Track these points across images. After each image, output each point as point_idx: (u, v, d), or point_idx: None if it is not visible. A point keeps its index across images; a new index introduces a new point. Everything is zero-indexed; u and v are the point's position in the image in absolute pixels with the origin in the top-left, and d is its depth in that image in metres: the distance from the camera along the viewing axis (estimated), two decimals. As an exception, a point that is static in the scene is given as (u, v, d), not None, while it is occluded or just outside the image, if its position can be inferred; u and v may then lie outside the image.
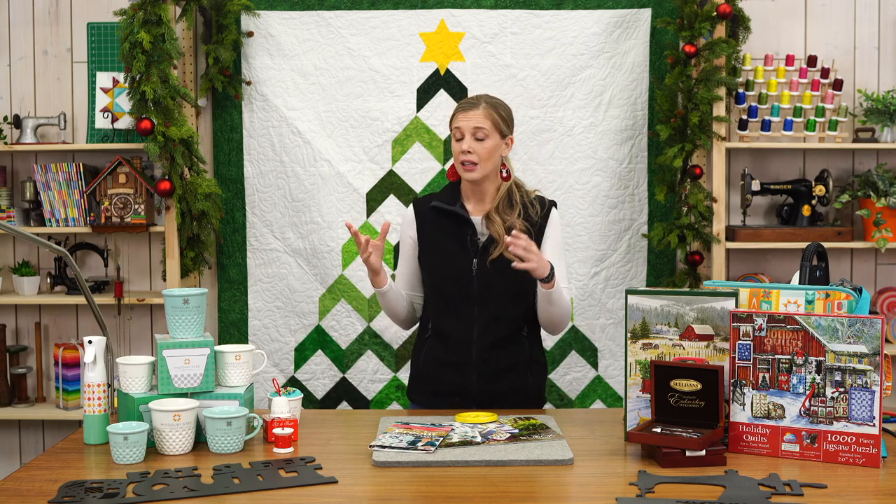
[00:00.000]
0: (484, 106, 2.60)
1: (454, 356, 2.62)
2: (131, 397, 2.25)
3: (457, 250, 2.61)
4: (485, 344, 2.60)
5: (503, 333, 2.62)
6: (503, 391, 2.61)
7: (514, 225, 2.59)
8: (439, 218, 2.66)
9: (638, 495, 1.86)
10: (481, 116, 2.58)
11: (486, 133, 2.58)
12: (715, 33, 3.62)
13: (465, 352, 2.61)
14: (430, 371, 2.68)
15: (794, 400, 2.10)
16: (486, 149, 2.58)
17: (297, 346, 3.87)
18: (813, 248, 2.31)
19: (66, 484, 1.95)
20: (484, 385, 2.61)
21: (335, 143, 3.82)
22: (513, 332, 2.63)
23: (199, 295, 2.33)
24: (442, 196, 2.70)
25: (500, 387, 2.61)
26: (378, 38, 3.81)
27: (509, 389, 2.62)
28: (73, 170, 3.80)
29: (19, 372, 3.88)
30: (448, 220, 2.64)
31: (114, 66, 3.84)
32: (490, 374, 2.61)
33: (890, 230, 3.73)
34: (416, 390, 2.74)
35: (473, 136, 2.57)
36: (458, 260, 2.61)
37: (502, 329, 2.61)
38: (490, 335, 2.61)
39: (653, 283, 3.86)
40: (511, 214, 2.61)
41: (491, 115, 2.59)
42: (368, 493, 1.93)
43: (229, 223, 3.88)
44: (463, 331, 2.61)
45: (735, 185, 3.95)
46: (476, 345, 2.61)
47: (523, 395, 2.65)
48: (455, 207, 2.64)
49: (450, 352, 2.63)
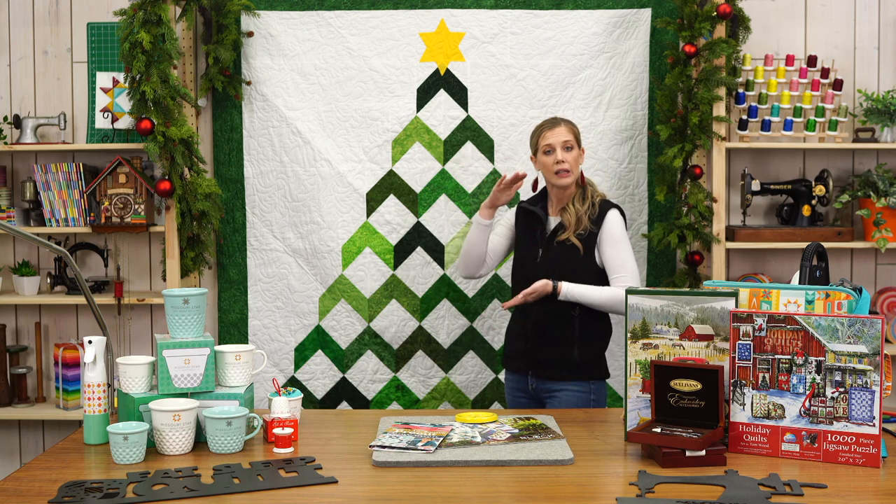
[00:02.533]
0: (564, 123, 3.16)
1: (517, 326, 3.20)
2: (131, 397, 2.25)
3: (528, 241, 3.18)
4: (536, 318, 3.09)
5: (555, 311, 3.06)
6: (546, 359, 3.08)
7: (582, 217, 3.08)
8: (525, 216, 3.24)
9: (638, 495, 1.86)
10: (566, 132, 3.13)
11: (572, 144, 3.12)
12: (715, 33, 3.62)
13: (525, 321, 3.14)
14: (509, 338, 3.28)
15: (794, 400, 2.10)
16: (574, 157, 3.12)
17: (297, 346, 3.88)
18: (813, 248, 2.31)
19: (66, 484, 1.95)
20: (533, 352, 3.10)
21: (335, 143, 3.82)
22: (563, 310, 3.05)
23: (199, 295, 2.33)
24: (531, 200, 3.28)
25: (544, 355, 3.09)
26: (378, 38, 3.81)
27: (551, 358, 3.08)
28: (73, 170, 3.80)
29: (19, 372, 3.88)
30: (529, 218, 3.21)
31: (114, 66, 3.84)
32: (536, 344, 3.09)
33: (890, 230, 3.73)
34: (504, 354, 3.33)
35: (563, 147, 3.09)
36: (529, 249, 3.16)
37: (559, 306, 3.05)
38: (541, 311, 3.07)
39: (653, 283, 3.86)
40: (583, 207, 3.10)
41: (573, 130, 3.16)
42: (368, 493, 1.93)
43: (229, 223, 3.88)
44: (527, 306, 3.09)
45: (735, 185, 3.95)
46: (532, 316, 3.10)
47: (566, 366, 3.07)
48: (536, 208, 3.19)
49: (515, 322, 3.23)
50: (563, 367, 3.08)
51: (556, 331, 3.09)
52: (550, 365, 3.09)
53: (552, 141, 3.11)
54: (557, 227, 3.12)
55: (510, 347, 3.25)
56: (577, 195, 3.14)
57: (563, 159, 3.09)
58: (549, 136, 3.12)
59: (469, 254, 3.32)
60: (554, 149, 3.10)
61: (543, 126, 3.17)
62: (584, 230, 3.07)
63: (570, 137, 3.12)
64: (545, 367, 3.10)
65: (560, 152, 3.09)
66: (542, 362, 3.10)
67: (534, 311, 3.09)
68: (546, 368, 3.09)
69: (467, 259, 3.33)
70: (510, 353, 3.25)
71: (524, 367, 3.14)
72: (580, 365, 3.09)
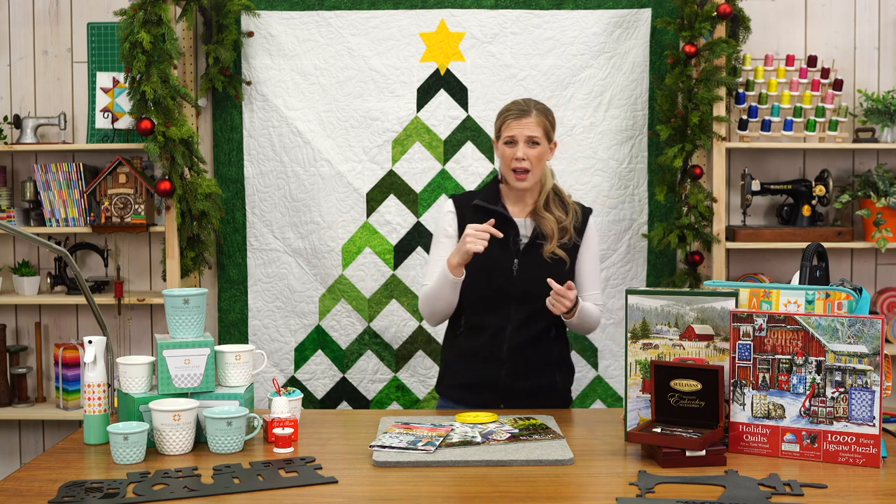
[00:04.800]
0: (536, 113, 2.66)
1: (486, 351, 2.68)
2: (131, 397, 2.25)
3: (499, 250, 2.63)
4: (517, 341, 2.66)
5: (535, 332, 2.68)
6: (530, 388, 2.67)
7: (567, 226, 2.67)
8: (481, 217, 2.66)
9: (638, 495, 1.86)
10: (535, 125, 2.64)
11: (538, 139, 2.64)
12: (715, 33, 3.62)
13: (498, 347, 2.67)
14: (461, 365, 2.73)
15: (794, 400, 2.10)
16: (538, 155, 2.64)
17: (297, 346, 3.87)
18: (813, 248, 2.31)
19: (66, 484, 1.95)
20: (512, 381, 2.66)
21: (335, 143, 3.82)
22: (544, 331, 2.69)
23: (199, 295, 2.33)
24: (484, 195, 2.74)
25: (527, 384, 2.67)
26: (378, 38, 3.81)
27: (537, 387, 2.69)
28: (73, 170, 3.80)
29: (19, 372, 3.88)
30: (490, 220, 2.62)
31: (114, 66, 3.84)
32: (519, 371, 2.67)
33: (890, 230, 3.73)
34: (446, 383, 2.78)
35: (527, 143, 2.63)
36: (499, 259, 2.64)
37: (535, 328, 2.67)
38: (523, 333, 2.66)
39: (653, 283, 3.86)
40: (564, 214, 2.69)
41: (543, 123, 2.66)
42: (368, 493, 1.93)
43: (229, 223, 3.88)
44: (497, 327, 2.66)
45: (735, 185, 3.95)
46: (508, 341, 2.66)
47: (552, 393, 2.72)
48: (497, 207, 2.68)
49: (482, 346, 2.68)
50: (546, 397, 2.69)
51: (536, 355, 2.68)
52: (535, 394, 2.66)
53: (516, 133, 2.62)
54: (535, 235, 2.67)
55: (469, 375, 2.70)
56: (549, 199, 2.70)
57: (524, 156, 2.62)
58: (513, 126, 2.64)
59: (439, 310, 2.71)
60: (516, 142, 2.63)
61: (510, 111, 2.67)
62: (569, 240, 2.69)
63: (538, 132, 2.63)
64: (526, 397, 2.65)
65: (522, 147, 2.62)
66: (522, 392, 2.65)
67: (509, 333, 2.65)
68: (527, 398, 2.64)
69: (438, 315, 2.74)
70: (469, 383, 2.70)
71: (494, 400, 2.64)
72: (562, 392, 2.76)
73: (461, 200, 2.76)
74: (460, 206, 2.74)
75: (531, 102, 2.69)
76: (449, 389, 2.76)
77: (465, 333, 2.73)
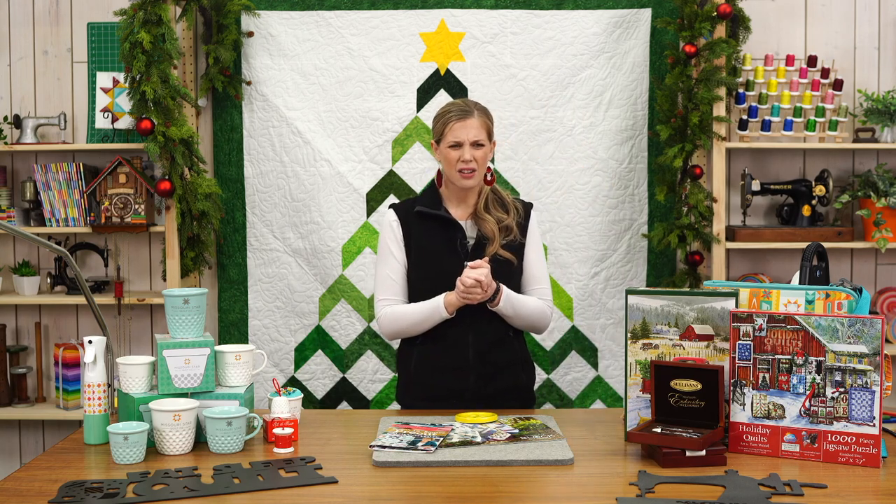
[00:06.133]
0: (477, 114, 2.67)
1: (450, 360, 2.65)
2: (131, 397, 2.25)
3: (446, 255, 2.64)
4: (481, 345, 2.65)
5: (497, 334, 2.67)
6: (500, 391, 2.66)
7: (511, 224, 2.67)
8: (425, 223, 2.68)
9: (638, 495, 1.86)
10: (478, 126, 2.65)
11: (483, 141, 2.65)
12: (715, 33, 3.62)
13: (462, 355, 2.64)
14: (425, 377, 2.68)
15: (794, 400, 2.10)
16: (483, 155, 2.65)
17: (297, 346, 3.87)
18: (813, 248, 2.31)
19: (66, 484, 1.95)
20: (482, 386, 2.65)
21: (335, 143, 3.82)
22: (504, 332, 2.68)
23: (199, 295, 2.33)
24: (423, 201, 2.73)
25: (497, 387, 2.66)
26: (378, 38, 3.81)
27: (506, 388, 2.68)
28: (73, 170, 3.80)
29: (19, 372, 3.88)
30: (434, 225, 2.67)
31: (114, 66, 3.84)
32: (488, 375, 2.65)
33: (890, 230, 3.73)
34: (410, 396, 2.73)
35: (472, 145, 2.63)
36: (448, 264, 2.62)
37: (495, 330, 2.66)
38: (485, 336, 2.65)
39: (653, 283, 3.86)
40: (506, 214, 2.69)
41: (486, 124, 2.68)
42: (368, 493, 1.93)
43: (229, 223, 3.88)
44: (458, 334, 2.64)
45: (735, 185, 3.95)
46: (472, 347, 2.64)
47: (519, 393, 2.72)
48: (440, 212, 2.68)
49: (445, 356, 2.65)
50: (518, 398, 2.69)
51: (501, 356, 2.67)
52: (507, 397, 2.65)
53: (462, 137, 2.62)
54: (481, 236, 2.66)
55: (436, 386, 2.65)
56: (489, 199, 2.68)
57: (471, 158, 2.62)
58: (457, 131, 2.62)
59: (410, 334, 2.69)
60: (462, 145, 2.63)
61: (451, 113, 2.66)
62: (514, 238, 2.67)
63: (482, 135, 2.63)
64: (501, 400, 2.62)
65: (469, 150, 2.62)
66: (495, 396, 2.63)
67: (472, 338, 2.63)
68: (502, 401, 2.62)
69: (404, 336, 2.72)
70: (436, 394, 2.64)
71: (461, 408, 2.55)
72: (526, 392, 2.74)
73: (403, 208, 2.74)
74: (403, 214, 2.72)
75: (470, 103, 2.70)
76: (415, 402, 2.69)
77: (425, 343, 2.68)
